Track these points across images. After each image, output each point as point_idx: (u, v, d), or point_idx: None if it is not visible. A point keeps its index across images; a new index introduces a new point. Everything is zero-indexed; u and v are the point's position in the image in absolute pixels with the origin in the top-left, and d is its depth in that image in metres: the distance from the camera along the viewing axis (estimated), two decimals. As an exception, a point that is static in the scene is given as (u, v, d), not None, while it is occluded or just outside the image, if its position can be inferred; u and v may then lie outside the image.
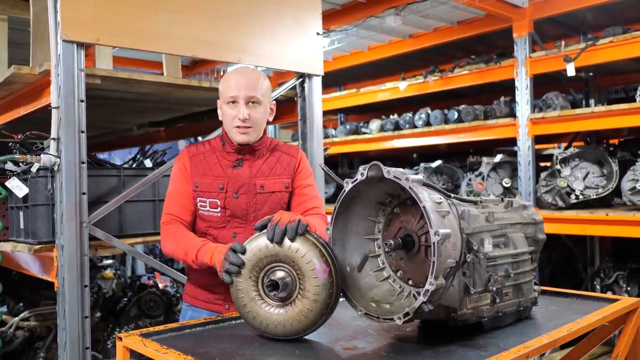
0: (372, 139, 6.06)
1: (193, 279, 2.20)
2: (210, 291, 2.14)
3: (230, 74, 2.14)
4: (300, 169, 2.22)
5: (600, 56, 4.31)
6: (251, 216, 2.11)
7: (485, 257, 1.62)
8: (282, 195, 2.16)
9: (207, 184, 2.10)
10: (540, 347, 1.51)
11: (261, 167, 2.15)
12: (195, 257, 1.94)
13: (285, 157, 2.21)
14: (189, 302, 2.21)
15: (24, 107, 2.81)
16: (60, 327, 2.39)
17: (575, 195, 4.38)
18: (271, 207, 2.12)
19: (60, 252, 2.36)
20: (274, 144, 2.23)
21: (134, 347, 1.64)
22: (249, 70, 2.17)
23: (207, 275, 2.11)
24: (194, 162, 2.14)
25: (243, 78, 2.08)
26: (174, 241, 2.05)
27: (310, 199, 2.20)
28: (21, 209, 2.73)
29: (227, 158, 2.14)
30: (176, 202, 2.13)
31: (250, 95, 2.06)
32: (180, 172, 2.15)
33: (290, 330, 1.60)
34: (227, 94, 2.08)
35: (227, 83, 2.11)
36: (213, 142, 2.20)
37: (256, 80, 2.10)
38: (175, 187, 2.16)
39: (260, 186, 2.12)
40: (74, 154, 2.37)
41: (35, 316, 3.73)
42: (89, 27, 2.38)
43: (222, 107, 2.13)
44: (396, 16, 4.62)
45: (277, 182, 2.16)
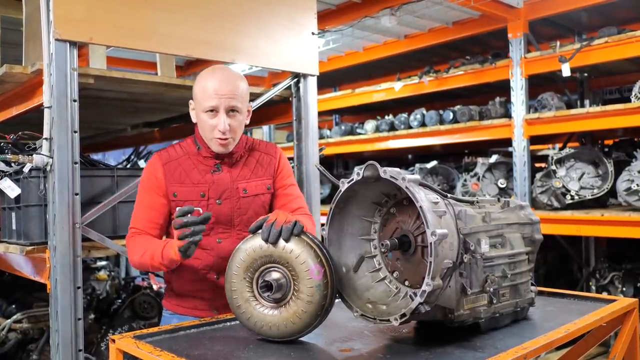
0: (367, 139, 6.05)
1: (176, 287, 2.11)
2: (196, 297, 2.07)
3: (207, 78, 1.99)
4: (280, 169, 2.15)
5: (595, 57, 4.32)
6: (236, 221, 2.05)
7: (482, 258, 1.61)
8: (265, 197, 2.11)
9: (186, 192, 2.00)
10: (538, 348, 1.50)
11: (241, 170, 2.08)
12: (161, 256, 1.85)
13: (264, 157, 2.14)
14: (172, 310, 2.12)
15: (16, 107, 2.79)
16: (53, 329, 2.37)
17: (571, 196, 4.38)
18: (255, 210, 2.07)
19: (53, 253, 2.34)
20: (250, 143, 2.14)
21: (127, 349, 1.61)
22: (228, 74, 2.01)
23: (193, 281, 2.05)
24: (169, 169, 2.02)
25: (224, 85, 1.95)
26: (140, 250, 1.94)
27: (294, 199, 2.15)
28: (13, 210, 2.70)
29: (204, 163, 2.04)
30: (142, 215, 2.02)
31: (232, 105, 1.95)
32: (150, 182, 2.03)
33: (284, 331, 1.58)
34: (206, 102, 1.95)
35: (205, 90, 1.96)
36: (185, 146, 2.08)
37: (236, 87, 1.97)
38: (143, 199, 2.04)
39: (243, 190, 2.06)
40: (67, 154, 2.34)
41: (28, 318, 3.70)
42: (81, 26, 2.36)
43: (198, 113, 2.00)
44: (391, 16, 4.62)
45: (259, 184, 2.09)
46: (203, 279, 2.05)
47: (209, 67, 2.07)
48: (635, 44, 4.07)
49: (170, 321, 2.07)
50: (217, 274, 2.04)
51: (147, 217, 2.01)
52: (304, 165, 3.19)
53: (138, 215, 2.03)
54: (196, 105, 2.02)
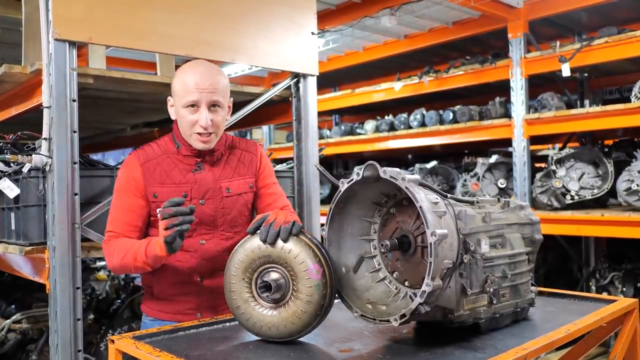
0: (367, 139, 6.05)
1: (157, 292, 2.04)
2: (179, 301, 2.01)
3: (187, 72, 1.95)
4: (262, 168, 2.12)
5: (595, 56, 4.32)
6: (219, 221, 2.00)
7: (482, 258, 1.61)
8: (248, 196, 2.07)
9: (167, 192, 1.92)
10: (538, 348, 1.50)
11: (223, 168, 2.03)
12: (145, 254, 1.79)
13: (245, 155, 2.10)
14: (154, 316, 2.04)
15: (15, 107, 2.78)
16: (52, 329, 2.36)
17: (571, 196, 4.38)
18: (239, 210, 2.03)
19: (52, 253, 2.33)
20: (230, 141, 2.09)
21: (127, 349, 1.61)
22: (208, 68, 1.96)
23: (176, 285, 2.00)
24: (147, 169, 1.95)
25: (205, 80, 1.90)
26: (120, 252, 1.86)
27: (279, 198, 2.13)
28: (12, 210, 2.70)
29: (185, 162, 1.98)
30: (120, 218, 1.94)
31: (214, 99, 1.91)
32: (127, 183, 1.95)
33: (284, 332, 1.58)
34: (186, 97, 1.90)
35: (185, 85, 1.91)
36: (163, 145, 2.02)
37: (217, 81, 1.93)
38: (120, 201, 1.96)
39: (226, 189, 2.01)
40: (66, 154, 2.33)
41: (27, 318, 3.69)
42: (81, 25, 2.35)
43: (178, 108, 1.95)
44: (391, 16, 4.62)
45: (242, 183, 2.06)
46: (186, 282, 2.00)
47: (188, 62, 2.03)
48: (635, 44, 4.07)
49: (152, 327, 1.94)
50: (200, 276, 2.00)
51: (125, 220, 1.94)
52: (304, 165, 3.18)
53: (115, 218, 1.95)
54: (175, 101, 1.97)
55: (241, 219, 2.06)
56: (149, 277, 2.05)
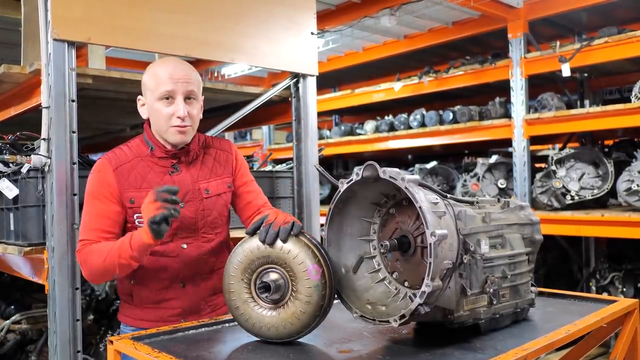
0: (366, 140, 6.05)
1: (137, 300, 1.97)
2: (161, 309, 1.96)
3: (159, 65, 1.92)
4: (239, 167, 2.09)
5: (595, 57, 4.32)
6: (200, 224, 1.96)
7: (482, 258, 1.60)
8: (227, 196, 2.04)
9: (144, 197, 1.77)
10: (538, 349, 1.49)
11: (200, 169, 1.99)
12: (130, 247, 1.71)
13: (221, 154, 2.06)
14: (133, 325, 1.98)
15: (14, 107, 2.78)
16: (51, 330, 2.36)
17: (571, 196, 4.38)
18: (219, 211, 2.00)
19: (51, 254, 2.33)
20: (202, 140, 2.05)
21: (125, 350, 1.60)
22: (179, 61, 1.95)
23: (158, 291, 1.95)
24: (121, 174, 1.89)
25: (178, 71, 1.87)
26: (99, 256, 1.77)
27: (258, 195, 2.10)
28: (11, 211, 2.69)
29: (160, 164, 1.93)
30: (95, 225, 1.84)
31: (189, 90, 1.87)
32: (101, 188, 1.87)
33: (283, 332, 1.57)
34: (161, 88, 1.85)
35: (158, 77, 1.87)
36: (135, 147, 1.97)
37: (191, 74, 1.90)
38: (93, 207, 1.86)
39: (205, 190, 1.97)
40: (65, 154, 2.33)
41: (26, 319, 3.69)
42: (80, 26, 2.34)
43: (151, 104, 1.90)
44: (391, 16, 4.62)
45: (220, 183, 2.02)
46: (168, 287, 1.96)
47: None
48: (635, 44, 4.07)
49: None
50: (182, 282, 1.96)
51: (99, 227, 1.84)
52: (304, 165, 3.18)
53: (89, 225, 1.85)
54: (148, 96, 1.92)
55: (221, 220, 2.04)
56: (128, 286, 1.99)
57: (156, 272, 1.94)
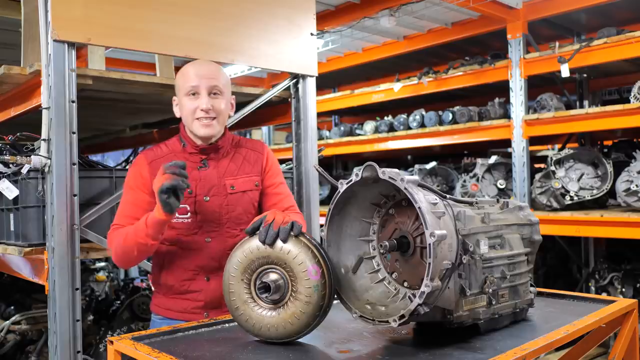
0: (366, 140, 6.05)
1: (165, 290, 2.08)
2: (186, 300, 2.04)
3: (188, 66, 2.06)
4: (269, 167, 2.14)
5: (595, 57, 4.32)
6: (224, 218, 2.03)
7: (481, 259, 1.61)
8: (254, 194, 2.09)
9: None
10: (537, 349, 1.50)
11: (228, 166, 2.07)
12: (145, 225, 1.83)
13: (251, 153, 2.13)
14: (161, 314, 2.08)
15: (14, 108, 2.78)
16: (51, 330, 2.36)
17: (570, 197, 4.38)
18: (244, 207, 2.05)
19: (51, 254, 2.33)
20: (236, 140, 2.15)
21: (125, 350, 1.61)
22: (208, 61, 2.10)
23: (183, 282, 2.03)
24: (154, 167, 1.99)
25: (203, 68, 2.01)
26: (121, 238, 1.92)
27: (285, 198, 2.14)
28: (11, 211, 2.70)
29: (190, 159, 2.03)
30: (126, 212, 1.99)
31: (213, 84, 1.98)
32: (135, 180, 2.02)
33: (283, 333, 1.58)
34: (187, 84, 1.98)
35: (185, 75, 2.01)
36: (170, 145, 2.09)
37: (216, 71, 2.03)
38: (128, 196, 2.02)
39: (231, 186, 2.04)
40: (65, 155, 2.33)
41: (26, 319, 3.69)
42: (80, 26, 2.35)
43: (180, 101, 2.03)
44: (390, 17, 4.62)
45: (247, 180, 2.08)
46: (193, 280, 2.03)
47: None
48: (634, 45, 4.07)
49: (160, 326, 1.97)
50: (207, 275, 2.03)
51: (130, 214, 1.98)
52: (303, 166, 3.19)
53: (121, 212, 2.01)
54: (178, 95, 2.04)
55: (247, 217, 2.07)
56: (157, 275, 2.09)
57: (182, 263, 2.03)
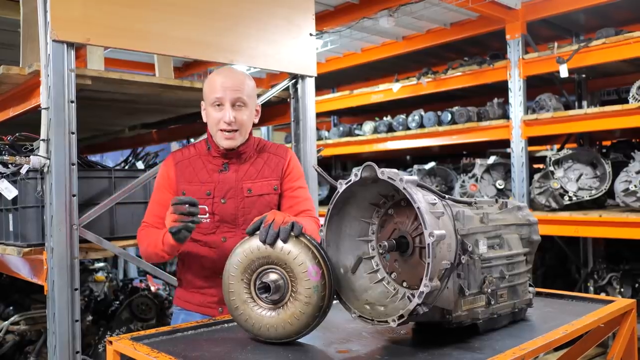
0: (365, 140, 6.05)
1: (185, 283, 2.18)
2: (203, 294, 2.13)
3: (215, 75, 2.10)
4: (289, 171, 2.18)
5: (593, 58, 4.32)
6: (240, 220, 2.09)
7: (480, 259, 1.61)
8: (271, 197, 2.13)
9: (194, 190, 2.07)
10: (536, 349, 1.50)
11: (248, 170, 2.12)
12: (162, 242, 1.94)
13: (273, 158, 2.17)
14: (181, 305, 2.19)
15: (13, 109, 2.78)
16: (50, 330, 2.36)
17: (569, 197, 4.38)
18: (260, 210, 2.08)
19: (50, 254, 2.33)
20: (261, 145, 2.20)
21: (124, 351, 1.61)
22: (234, 71, 2.14)
23: (201, 278, 2.12)
24: (180, 168, 2.11)
25: (229, 79, 2.05)
26: (146, 241, 2.05)
27: (301, 201, 2.16)
28: (10, 211, 2.70)
29: (213, 162, 2.11)
30: (153, 211, 2.12)
31: (237, 97, 2.03)
32: (162, 180, 2.13)
33: (282, 333, 1.58)
34: (212, 95, 2.04)
35: (212, 84, 2.06)
36: (199, 146, 2.17)
37: (242, 82, 2.07)
38: (156, 196, 2.14)
39: (248, 189, 2.10)
40: (64, 155, 2.34)
41: (25, 320, 3.69)
42: (79, 27, 2.35)
43: (206, 109, 2.09)
44: (389, 17, 4.62)
45: (265, 184, 2.12)
46: (209, 276, 2.11)
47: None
48: (633, 45, 4.07)
49: (179, 316, 2.17)
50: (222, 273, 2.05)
51: (156, 213, 2.09)
52: (302, 166, 3.18)
53: (150, 211, 2.13)
54: (205, 102, 2.10)
55: None
56: (180, 269, 2.19)
57: (200, 260, 2.11)
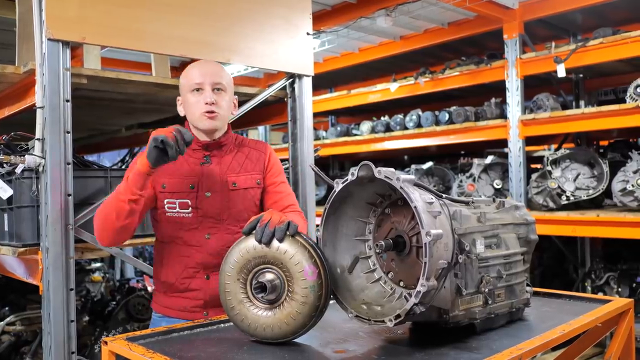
0: (363, 140, 6.05)
1: (165, 288, 2.09)
2: (186, 298, 2.05)
3: (191, 66, 2.11)
4: (271, 166, 2.16)
5: (590, 57, 4.33)
6: (224, 215, 2.05)
7: (477, 258, 1.60)
8: (255, 191, 2.11)
9: (175, 183, 2.02)
10: (534, 348, 1.50)
11: (230, 163, 2.10)
12: (126, 180, 1.87)
13: (254, 152, 2.16)
14: (161, 312, 2.10)
15: (8, 108, 2.77)
16: (45, 331, 2.34)
17: (566, 197, 4.38)
18: (245, 205, 2.07)
19: (45, 254, 2.32)
20: (240, 140, 2.18)
21: (120, 351, 1.60)
22: (211, 61, 2.17)
23: (183, 280, 2.03)
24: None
25: (207, 67, 2.08)
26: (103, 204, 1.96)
27: (285, 197, 2.15)
28: (5, 211, 2.68)
29: (194, 155, 2.07)
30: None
31: (216, 81, 2.04)
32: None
33: (279, 333, 1.57)
34: (191, 81, 2.04)
35: (190, 74, 2.07)
36: None
37: (220, 70, 2.09)
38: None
39: (233, 183, 2.07)
40: (59, 154, 2.32)
41: (21, 320, 3.68)
42: (74, 25, 2.33)
43: (184, 98, 2.09)
44: (387, 17, 4.62)
45: (249, 178, 2.10)
46: (193, 277, 2.04)
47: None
48: (630, 45, 4.08)
49: (160, 324, 2.05)
50: (207, 273, 2.03)
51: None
52: (299, 166, 3.17)
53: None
54: (182, 94, 2.10)
55: (247, 214, 2.07)
56: (158, 272, 2.10)
57: (181, 260, 2.04)
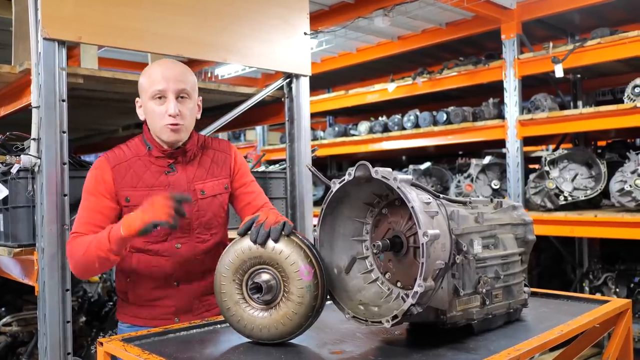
0: (360, 141, 6.04)
1: (134, 296, 2.00)
2: (156, 307, 1.98)
3: (153, 66, 1.95)
4: (238, 168, 2.09)
5: (588, 57, 4.33)
6: (194, 224, 1.97)
7: (475, 259, 1.60)
8: (224, 197, 2.05)
9: (140, 196, 1.87)
10: (531, 349, 1.49)
11: (197, 170, 2.00)
12: (108, 240, 1.72)
13: (218, 154, 2.06)
14: (128, 322, 2.02)
15: (4, 108, 2.76)
16: (41, 332, 2.33)
17: (564, 197, 4.38)
18: (214, 212, 2.01)
19: (41, 255, 2.31)
20: (202, 140, 2.07)
21: (115, 352, 1.59)
22: (174, 62, 1.98)
23: (153, 290, 1.98)
24: (118, 172, 1.91)
25: (170, 70, 1.90)
26: (83, 248, 1.79)
27: (258, 195, 2.10)
28: (1, 211, 2.66)
29: (156, 164, 1.95)
30: (88, 220, 1.87)
31: (180, 88, 1.88)
32: (97, 184, 1.90)
33: (275, 333, 1.56)
34: (153, 87, 1.87)
35: (151, 76, 1.90)
36: (133, 147, 1.98)
37: (184, 72, 1.93)
38: (88, 202, 1.90)
39: (201, 191, 1.98)
40: (55, 154, 2.31)
41: (17, 321, 3.66)
42: (70, 25, 2.33)
43: (145, 104, 1.92)
44: (384, 17, 4.61)
45: (217, 184, 2.02)
46: (162, 287, 1.97)
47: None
48: (627, 45, 4.08)
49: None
50: (177, 281, 1.98)
51: (92, 221, 1.86)
52: (297, 166, 3.17)
53: (82, 220, 1.88)
54: (142, 97, 1.94)
55: (217, 221, 2.04)
56: (124, 284, 2.03)
57: (150, 271, 1.96)
